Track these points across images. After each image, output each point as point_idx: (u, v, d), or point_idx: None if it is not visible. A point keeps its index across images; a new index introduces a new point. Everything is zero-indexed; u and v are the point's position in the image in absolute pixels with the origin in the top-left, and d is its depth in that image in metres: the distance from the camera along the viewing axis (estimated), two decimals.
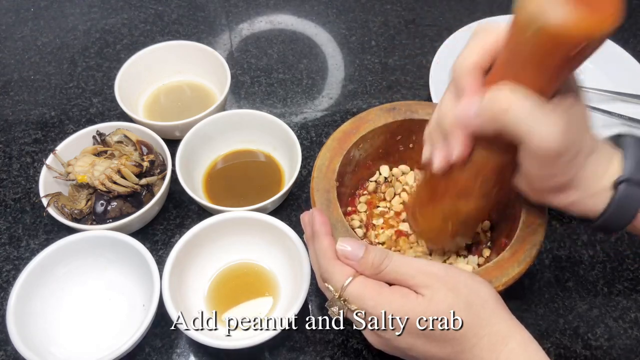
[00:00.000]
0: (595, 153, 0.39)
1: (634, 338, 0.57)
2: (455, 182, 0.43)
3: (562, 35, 0.29)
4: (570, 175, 0.39)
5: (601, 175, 0.40)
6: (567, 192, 0.40)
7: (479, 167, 0.41)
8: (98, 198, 0.61)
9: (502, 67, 0.36)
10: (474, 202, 0.44)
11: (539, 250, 0.48)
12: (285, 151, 0.67)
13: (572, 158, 0.37)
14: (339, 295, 0.42)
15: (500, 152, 0.39)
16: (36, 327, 0.53)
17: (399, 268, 0.41)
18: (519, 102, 0.34)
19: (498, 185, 0.43)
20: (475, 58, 0.37)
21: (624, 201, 0.39)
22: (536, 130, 0.34)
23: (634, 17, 0.89)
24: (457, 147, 0.39)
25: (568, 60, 0.32)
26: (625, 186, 0.39)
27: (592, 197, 0.40)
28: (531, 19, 0.30)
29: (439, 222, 0.48)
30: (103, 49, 0.83)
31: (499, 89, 0.35)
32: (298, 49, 0.84)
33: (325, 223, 0.45)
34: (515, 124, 0.35)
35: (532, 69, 0.33)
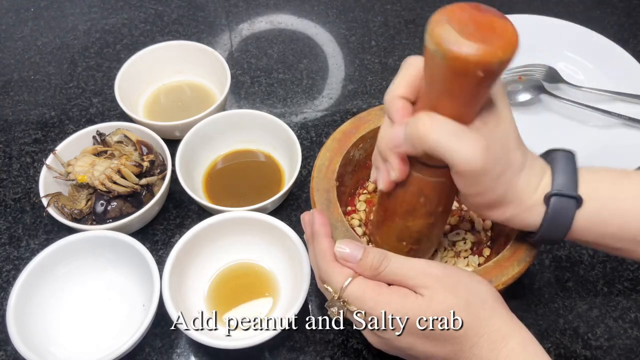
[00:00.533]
0: (527, 169, 0.41)
1: (634, 338, 0.57)
2: (401, 202, 0.45)
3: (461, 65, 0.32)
4: (501, 191, 0.40)
5: (533, 190, 0.41)
6: (502, 208, 0.42)
7: (419, 187, 0.43)
8: (98, 198, 0.61)
9: (424, 96, 0.39)
10: (422, 220, 0.46)
11: (539, 249, 0.48)
12: (285, 151, 0.67)
13: (498, 176, 0.39)
14: (338, 297, 0.42)
15: (436, 172, 0.42)
16: (36, 327, 0.53)
17: (398, 269, 0.41)
18: (437, 126, 0.37)
19: (442, 204, 0.45)
20: (401, 90, 0.40)
21: (556, 214, 0.41)
22: (455, 150, 0.37)
23: (634, 17, 0.89)
24: (394, 170, 0.42)
25: (474, 86, 0.34)
26: (556, 199, 0.41)
27: (527, 211, 0.42)
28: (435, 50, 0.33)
29: (394, 242, 0.49)
30: (103, 49, 0.83)
31: (418, 116, 0.38)
32: (298, 49, 0.84)
33: (325, 224, 0.45)
34: (436, 146, 0.37)
35: (446, 96, 0.36)
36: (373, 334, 0.43)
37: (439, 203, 0.45)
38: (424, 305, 0.40)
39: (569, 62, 0.80)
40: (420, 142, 0.38)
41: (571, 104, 0.73)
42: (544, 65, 0.76)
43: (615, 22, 0.88)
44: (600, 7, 0.91)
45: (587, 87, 0.75)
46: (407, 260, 0.42)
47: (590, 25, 0.80)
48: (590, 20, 0.84)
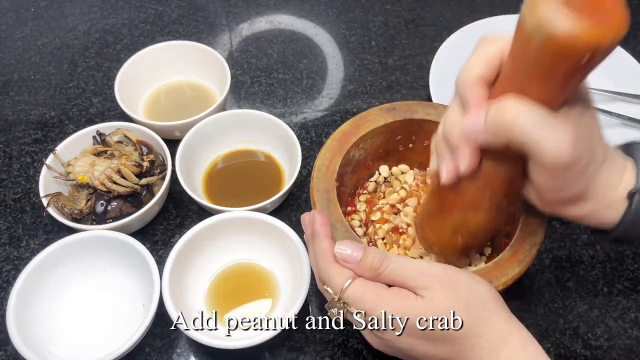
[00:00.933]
0: (608, 163, 0.38)
1: (634, 338, 0.57)
2: (464, 194, 0.42)
3: (568, 46, 0.29)
4: (582, 186, 0.38)
5: (615, 185, 0.39)
6: (580, 204, 0.39)
7: (488, 179, 0.40)
8: (98, 198, 0.61)
9: (507, 79, 0.35)
10: (483, 214, 0.43)
11: (538, 250, 0.48)
12: (285, 151, 0.67)
13: (584, 169, 0.36)
14: (338, 298, 0.42)
15: (508, 164, 0.39)
16: (36, 327, 0.53)
17: (398, 270, 0.41)
18: (526, 113, 0.33)
19: (508, 197, 0.42)
20: (479, 70, 0.37)
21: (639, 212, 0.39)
22: (545, 141, 0.34)
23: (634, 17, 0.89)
24: (465, 161, 0.39)
25: (575, 71, 0.31)
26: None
27: (607, 208, 0.40)
28: (536, 29, 0.29)
29: (448, 235, 0.47)
30: (103, 49, 0.83)
31: (505, 102, 0.34)
32: (298, 49, 0.84)
33: (325, 225, 0.45)
34: (522, 137, 0.34)
35: (538, 80, 0.33)
36: (373, 335, 0.43)
37: (505, 196, 0.42)
38: (424, 306, 0.40)
39: None
40: (505, 131, 0.34)
41: None
42: None
43: None
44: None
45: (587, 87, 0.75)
46: (407, 260, 0.42)
47: None
48: None
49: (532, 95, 0.33)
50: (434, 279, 0.40)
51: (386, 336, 0.41)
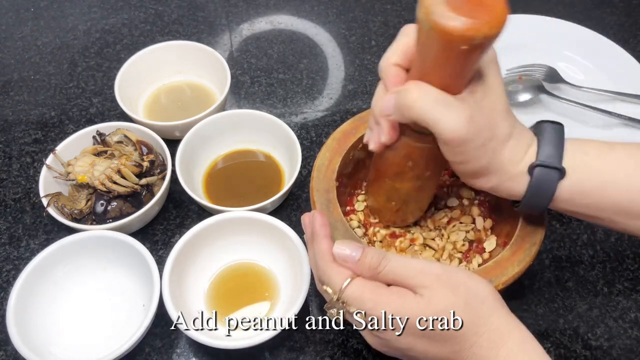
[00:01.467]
0: (514, 139, 0.42)
1: (634, 338, 0.57)
2: (390, 164, 0.47)
3: (446, 37, 0.33)
4: (484, 161, 0.41)
5: (518, 160, 0.43)
6: (487, 177, 0.43)
7: (407, 151, 0.45)
8: (98, 198, 0.61)
9: (415, 66, 0.40)
10: (409, 183, 0.48)
11: (538, 249, 0.48)
12: (285, 151, 0.67)
13: (482, 145, 0.40)
14: (337, 298, 0.42)
15: (424, 140, 0.43)
16: (36, 327, 0.53)
17: (397, 269, 0.41)
18: (424, 95, 0.38)
19: (429, 169, 0.47)
20: (396, 58, 0.42)
21: (540, 184, 0.42)
22: (440, 119, 0.38)
23: (634, 17, 0.89)
24: (384, 134, 0.44)
25: (461, 57, 0.35)
26: (539, 170, 0.42)
27: (511, 180, 0.43)
28: (424, 21, 0.34)
29: (384, 201, 0.52)
30: (103, 49, 0.83)
31: (407, 85, 0.40)
32: (298, 49, 0.84)
33: (325, 225, 0.45)
34: (422, 115, 0.39)
35: (435, 66, 0.37)
36: (373, 335, 0.43)
37: (426, 168, 0.47)
38: (423, 305, 0.40)
39: (569, 62, 0.80)
40: (407, 111, 0.39)
41: (571, 104, 0.73)
42: (544, 65, 0.76)
43: (615, 22, 0.88)
44: (600, 7, 0.91)
45: (587, 87, 0.75)
46: (406, 259, 0.42)
47: (590, 25, 0.80)
48: (590, 20, 0.84)
49: (433, 81, 0.38)
50: (433, 277, 0.41)
51: (386, 336, 0.41)
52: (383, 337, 0.42)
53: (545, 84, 0.75)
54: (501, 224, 0.55)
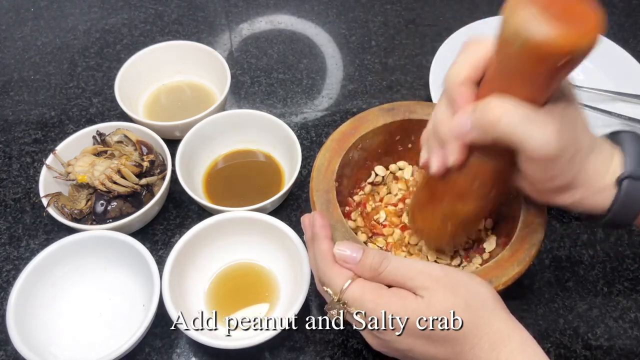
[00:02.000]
0: (595, 151, 0.41)
1: (634, 338, 0.57)
2: (453, 185, 0.44)
3: (544, 51, 0.31)
4: (571, 175, 0.40)
5: (604, 172, 0.41)
6: (571, 192, 0.41)
7: (476, 171, 0.42)
8: (98, 198, 0.61)
9: (492, 80, 0.37)
10: (472, 204, 0.45)
11: (538, 249, 0.48)
12: (285, 151, 0.67)
13: (571, 159, 0.38)
14: (337, 299, 0.42)
15: (496, 156, 0.41)
16: (36, 327, 0.53)
17: (398, 270, 0.41)
18: (510, 111, 0.35)
19: (496, 188, 0.44)
20: (466, 72, 0.39)
21: (628, 197, 0.41)
22: (530, 136, 0.36)
23: (634, 17, 0.89)
24: (453, 155, 0.41)
25: (553, 73, 0.33)
26: (628, 182, 0.40)
27: (596, 194, 0.41)
28: (514, 34, 0.31)
29: (438, 223, 0.49)
30: (103, 49, 0.83)
31: (489, 101, 0.36)
32: (298, 49, 0.84)
33: (325, 226, 0.45)
34: (508, 133, 0.36)
35: (520, 81, 0.35)
36: (373, 336, 0.43)
37: (493, 187, 0.44)
38: (424, 306, 0.40)
39: None
40: (491, 129, 0.36)
41: None
42: None
43: (615, 22, 0.88)
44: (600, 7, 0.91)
45: (587, 87, 0.75)
46: (407, 261, 0.42)
47: None
48: None
49: (516, 95, 0.35)
50: (433, 279, 0.41)
51: (386, 337, 0.41)
52: (383, 338, 0.42)
53: None
54: (501, 224, 0.55)
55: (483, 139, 0.38)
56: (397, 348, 0.42)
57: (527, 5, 0.31)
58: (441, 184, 0.45)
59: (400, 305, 0.40)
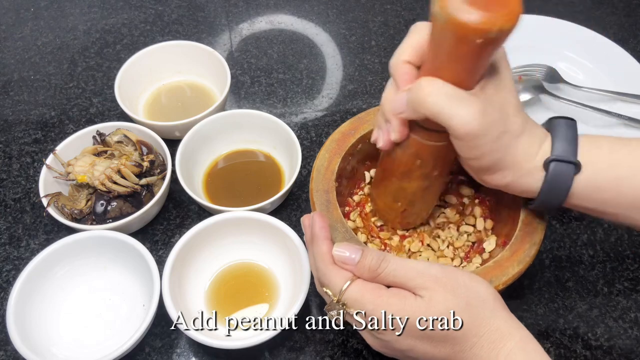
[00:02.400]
0: (526, 134, 0.42)
1: (634, 338, 0.57)
2: (399, 163, 0.47)
3: (462, 30, 0.34)
4: (498, 155, 0.41)
5: (533, 155, 0.43)
6: (502, 172, 0.43)
7: (417, 149, 0.45)
8: (98, 198, 0.61)
9: (427, 62, 0.40)
10: (417, 182, 0.48)
11: (538, 249, 0.48)
12: (285, 151, 0.67)
13: (496, 139, 0.40)
14: (337, 300, 0.42)
15: (434, 137, 0.43)
16: (36, 327, 0.53)
17: (397, 271, 0.41)
18: (437, 90, 0.39)
19: (437, 168, 0.47)
20: (407, 55, 0.42)
21: (555, 179, 0.42)
22: (454, 114, 0.38)
23: (634, 17, 0.89)
24: (395, 131, 0.44)
25: (473, 53, 0.36)
26: (555, 165, 0.42)
27: (526, 176, 0.43)
28: (439, 15, 0.34)
29: (390, 201, 0.52)
30: (103, 49, 0.83)
31: (420, 81, 0.40)
32: (298, 49, 0.84)
33: (324, 227, 0.45)
34: (435, 110, 0.39)
35: (448, 62, 0.38)
36: (373, 337, 0.43)
37: (435, 167, 0.47)
38: (424, 306, 0.40)
39: (569, 62, 0.80)
40: (420, 106, 0.39)
41: (571, 104, 0.73)
42: (544, 65, 0.76)
43: (615, 22, 0.88)
44: (600, 7, 0.91)
45: (587, 87, 0.75)
46: (406, 261, 0.42)
47: (590, 25, 0.80)
48: (590, 20, 0.84)
49: (446, 77, 0.38)
50: (433, 279, 0.41)
51: (386, 337, 0.41)
52: (383, 339, 0.42)
53: (545, 84, 0.75)
54: (501, 224, 0.55)
55: (415, 116, 0.41)
56: (397, 348, 0.42)
57: None
58: (390, 162, 0.48)
59: (400, 305, 0.40)
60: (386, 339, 0.41)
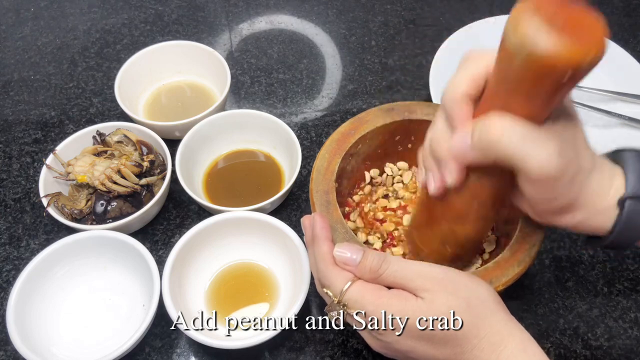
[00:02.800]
0: (596, 171, 0.39)
1: (634, 338, 0.57)
2: (451, 207, 0.43)
3: (550, 64, 0.30)
4: (572, 195, 0.38)
5: (605, 192, 0.39)
6: (572, 213, 0.40)
7: (475, 191, 0.41)
8: (98, 198, 0.61)
9: (492, 96, 0.36)
10: (471, 226, 0.44)
11: (538, 250, 0.48)
12: (285, 151, 0.67)
13: (571, 179, 0.37)
14: (337, 301, 0.42)
15: (495, 177, 0.40)
16: (36, 327, 0.53)
17: (398, 272, 0.41)
18: (510, 130, 0.34)
19: (494, 208, 0.43)
20: (465, 87, 0.37)
21: (631, 217, 0.39)
22: (530, 156, 0.34)
23: (634, 17, 0.89)
24: (452, 176, 0.39)
25: (557, 88, 0.32)
26: (630, 202, 0.39)
27: (598, 215, 0.40)
28: (518, 47, 0.30)
29: (436, 246, 0.48)
30: (103, 49, 0.83)
31: (489, 119, 0.35)
32: (298, 49, 0.84)
33: (325, 228, 0.45)
34: (508, 152, 0.35)
35: (522, 97, 0.33)
36: (373, 338, 0.43)
37: (492, 208, 0.43)
38: (425, 308, 0.40)
39: None
40: (491, 149, 0.35)
41: None
42: None
43: (615, 22, 0.88)
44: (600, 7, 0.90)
45: (587, 87, 0.75)
46: (407, 262, 0.42)
47: None
48: None
49: (516, 111, 0.34)
50: (434, 281, 0.40)
51: (386, 338, 0.41)
52: (384, 340, 0.42)
53: None
54: (501, 224, 0.55)
55: (483, 160, 0.37)
56: (398, 349, 0.42)
57: (533, 16, 0.29)
58: (439, 205, 0.44)
59: (401, 306, 0.40)
60: (386, 340, 0.41)
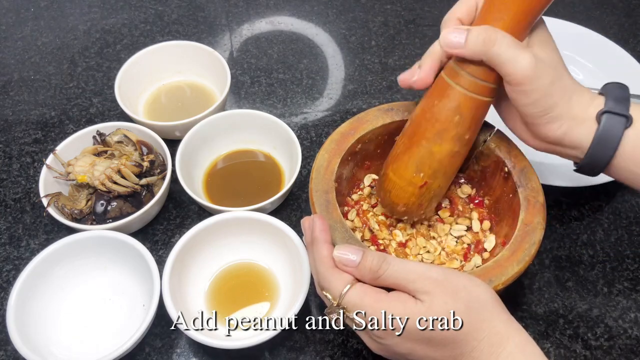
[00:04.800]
0: (578, 92, 0.45)
1: (634, 338, 0.57)
2: (435, 121, 0.48)
3: None
4: (553, 99, 0.44)
5: (586, 107, 0.45)
6: (559, 122, 0.45)
7: (459, 104, 0.46)
8: (98, 198, 0.61)
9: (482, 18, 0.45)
10: (448, 145, 0.48)
11: (537, 248, 0.48)
12: (285, 151, 0.67)
13: (550, 83, 0.43)
14: (337, 304, 0.42)
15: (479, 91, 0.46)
16: (36, 327, 0.53)
17: (398, 273, 0.41)
18: (502, 37, 0.43)
19: (471, 129, 0.48)
20: (459, 13, 0.47)
21: (607, 129, 0.44)
22: (515, 59, 0.42)
23: (634, 17, 0.89)
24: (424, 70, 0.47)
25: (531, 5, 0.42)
26: (607, 116, 0.44)
27: (580, 126, 0.45)
28: None
29: (410, 172, 0.50)
30: (103, 49, 0.84)
31: (486, 27, 0.43)
32: (298, 49, 0.84)
33: (324, 230, 0.45)
34: (500, 54, 0.42)
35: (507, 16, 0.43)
36: (373, 340, 0.43)
37: (469, 127, 0.48)
38: (424, 310, 0.40)
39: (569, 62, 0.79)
40: (485, 50, 0.43)
41: None
42: None
43: (615, 22, 0.88)
44: (600, 7, 0.91)
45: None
46: (407, 263, 0.42)
47: (590, 25, 0.80)
48: (590, 20, 0.84)
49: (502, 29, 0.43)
50: (433, 282, 0.40)
51: (386, 340, 0.41)
52: (383, 342, 0.42)
53: None
54: (500, 223, 0.55)
55: (472, 57, 0.44)
56: (397, 352, 0.42)
57: None
58: (423, 122, 0.49)
59: (401, 309, 0.40)
60: (386, 342, 0.41)
